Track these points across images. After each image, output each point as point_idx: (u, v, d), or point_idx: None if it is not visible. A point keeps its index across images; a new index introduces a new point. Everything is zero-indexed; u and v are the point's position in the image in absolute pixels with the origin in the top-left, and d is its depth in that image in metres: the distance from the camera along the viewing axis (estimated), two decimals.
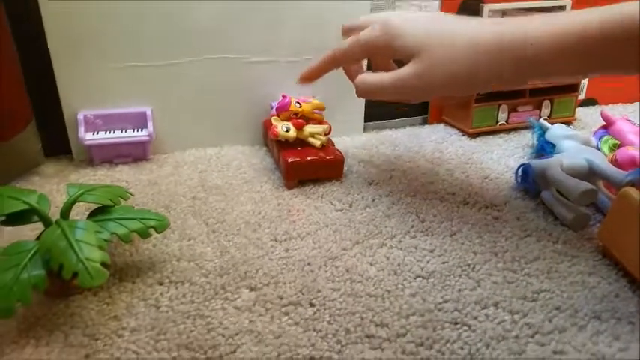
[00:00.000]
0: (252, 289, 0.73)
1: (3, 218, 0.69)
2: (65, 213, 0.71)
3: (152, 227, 0.73)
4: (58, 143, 1.10)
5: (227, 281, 0.75)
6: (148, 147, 1.10)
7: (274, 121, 1.04)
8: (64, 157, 1.13)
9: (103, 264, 0.62)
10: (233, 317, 0.68)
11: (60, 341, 0.64)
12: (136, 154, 1.10)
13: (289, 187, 1.01)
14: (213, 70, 1.13)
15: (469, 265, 0.79)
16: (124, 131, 1.08)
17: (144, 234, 0.72)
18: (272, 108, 1.14)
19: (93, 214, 0.74)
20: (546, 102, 1.33)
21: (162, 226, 0.74)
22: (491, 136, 1.29)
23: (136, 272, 0.76)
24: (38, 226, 0.74)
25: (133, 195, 0.82)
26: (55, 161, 1.11)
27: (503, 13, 1.29)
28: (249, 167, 1.10)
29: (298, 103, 1.05)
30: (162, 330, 0.65)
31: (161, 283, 0.74)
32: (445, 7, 1.29)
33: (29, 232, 0.80)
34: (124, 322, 0.67)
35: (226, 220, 0.90)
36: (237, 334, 0.65)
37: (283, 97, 1.04)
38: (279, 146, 1.04)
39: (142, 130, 1.08)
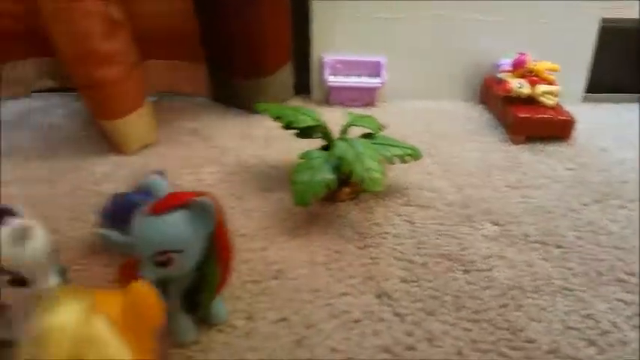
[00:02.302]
0: (495, 224, 0.79)
1: (297, 131, 0.83)
2: (345, 132, 0.83)
3: (409, 155, 0.83)
4: (298, 83, 1.25)
5: (470, 213, 0.82)
6: (379, 93, 1.21)
7: (507, 77, 1.07)
8: (300, 96, 1.28)
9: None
10: (483, 243, 0.75)
11: (334, 233, 0.77)
12: (366, 98, 1.21)
13: (516, 142, 1.04)
14: (446, 27, 1.19)
15: None
16: (359, 77, 1.20)
17: (403, 159, 0.82)
18: (498, 67, 1.17)
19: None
20: None
21: (416, 156, 0.84)
22: None
23: (385, 194, 0.86)
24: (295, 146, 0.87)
25: (386, 127, 0.92)
26: (296, 98, 1.27)
27: None
28: (469, 120, 1.15)
29: (534, 61, 1.06)
30: (420, 241, 0.75)
31: (409, 205, 0.84)
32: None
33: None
34: (385, 228, 0.78)
35: (457, 163, 0.97)
36: (489, 257, 0.72)
37: (521, 54, 1.06)
38: (507, 102, 1.07)
39: (375, 78, 1.19)
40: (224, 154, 0.99)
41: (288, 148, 0.99)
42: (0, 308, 0.56)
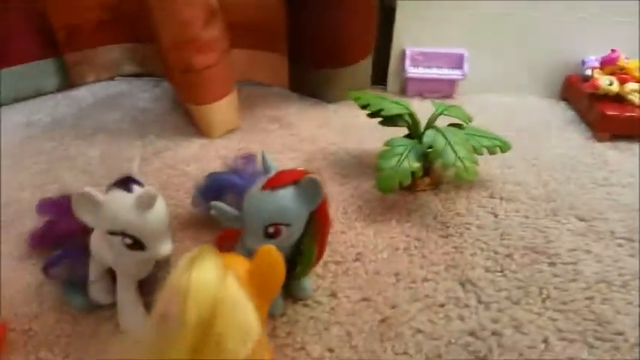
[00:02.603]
0: (581, 220, 0.78)
1: (381, 119, 0.85)
2: (433, 121, 0.84)
3: (498, 146, 0.83)
4: (374, 74, 1.27)
5: (555, 208, 0.81)
6: (457, 86, 1.21)
7: (596, 74, 1.04)
8: (376, 87, 1.30)
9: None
10: (568, 237, 0.74)
11: (414, 221, 0.79)
12: (444, 90, 1.21)
13: (601, 139, 1.01)
14: (528, 24, 1.16)
15: None
16: (439, 69, 1.20)
17: (491, 150, 0.82)
18: (584, 63, 1.14)
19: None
20: None
21: (506, 147, 0.84)
22: None
23: (466, 185, 0.87)
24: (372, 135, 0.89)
25: (472, 120, 0.92)
26: (372, 89, 1.28)
27: None
28: (551, 116, 1.13)
29: (626, 59, 1.03)
30: (504, 232, 0.76)
31: (492, 197, 0.84)
32: None
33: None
34: (467, 219, 0.79)
35: (542, 158, 0.96)
36: (574, 250, 0.72)
37: (612, 51, 1.04)
38: (593, 99, 1.04)
39: (455, 70, 1.19)
40: (303, 141, 1.03)
41: (365, 136, 1.02)
42: (105, 273, 0.62)
